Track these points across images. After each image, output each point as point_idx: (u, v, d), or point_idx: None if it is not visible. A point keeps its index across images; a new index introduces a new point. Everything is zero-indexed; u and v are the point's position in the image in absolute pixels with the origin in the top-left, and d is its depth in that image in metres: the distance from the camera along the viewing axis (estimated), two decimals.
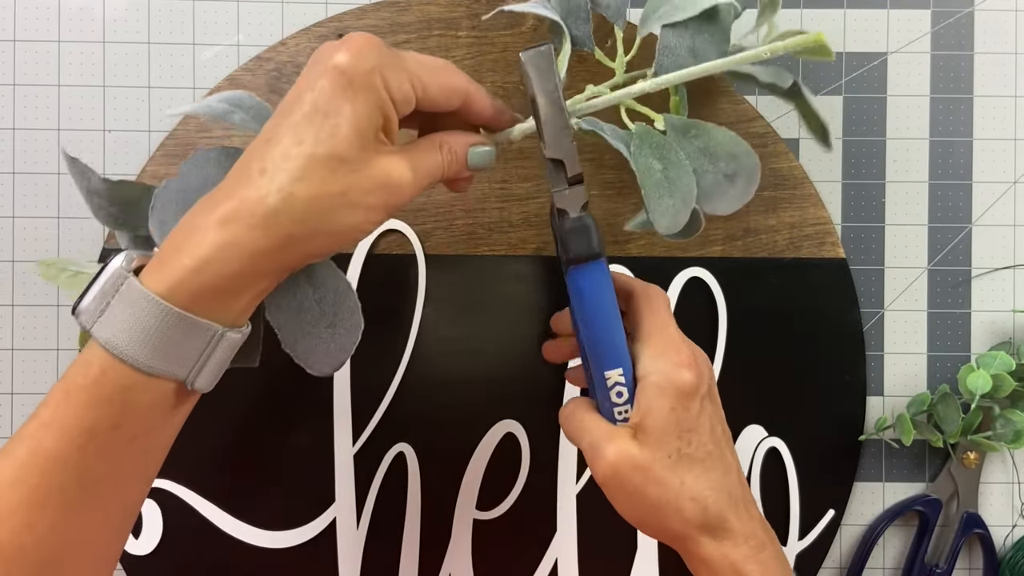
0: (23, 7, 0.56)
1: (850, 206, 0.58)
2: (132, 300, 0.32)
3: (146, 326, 0.32)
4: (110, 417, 0.33)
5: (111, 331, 0.32)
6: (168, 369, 0.33)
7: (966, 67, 0.58)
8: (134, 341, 0.32)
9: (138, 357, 0.32)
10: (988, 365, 0.55)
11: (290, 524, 0.56)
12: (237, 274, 0.33)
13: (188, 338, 0.33)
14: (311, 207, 0.33)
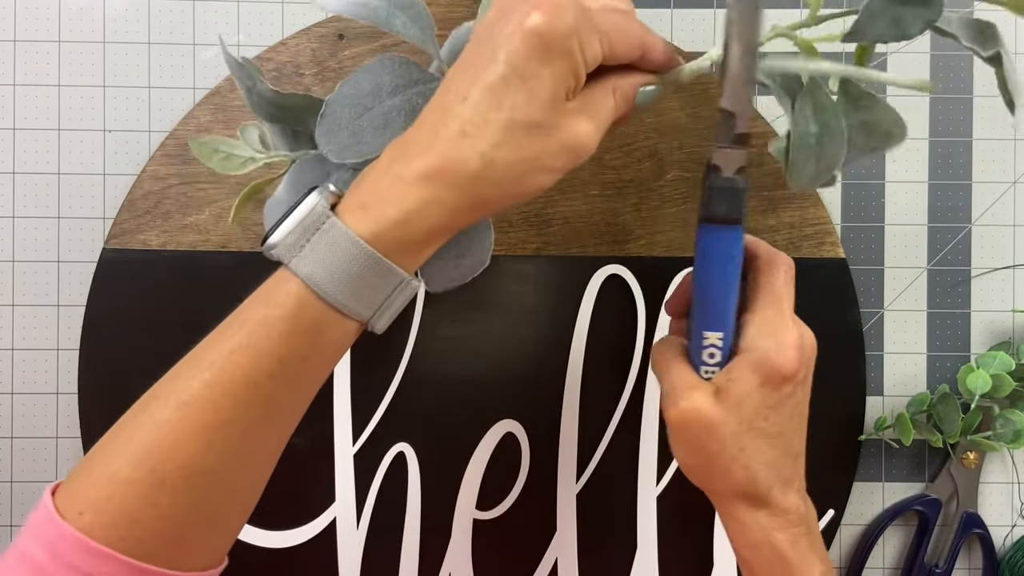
0: (23, 7, 0.56)
1: (850, 206, 0.58)
2: (335, 240, 0.33)
3: (347, 267, 0.33)
4: (301, 349, 0.34)
5: (312, 267, 0.33)
6: (358, 309, 0.35)
7: (966, 67, 0.58)
8: (335, 280, 0.33)
9: (337, 295, 0.34)
10: (988, 365, 0.55)
11: (290, 524, 0.56)
12: (435, 229, 0.34)
13: (381, 282, 0.34)
14: (509, 172, 0.34)
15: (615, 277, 0.57)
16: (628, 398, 0.57)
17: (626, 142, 0.57)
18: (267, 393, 0.34)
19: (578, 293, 0.56)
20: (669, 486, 0.57)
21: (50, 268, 0.57)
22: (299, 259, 0.34)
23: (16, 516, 0.57)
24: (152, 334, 0.56)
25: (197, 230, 0.56)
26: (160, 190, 0.56)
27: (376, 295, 0.35)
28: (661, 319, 0.57)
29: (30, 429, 0.57)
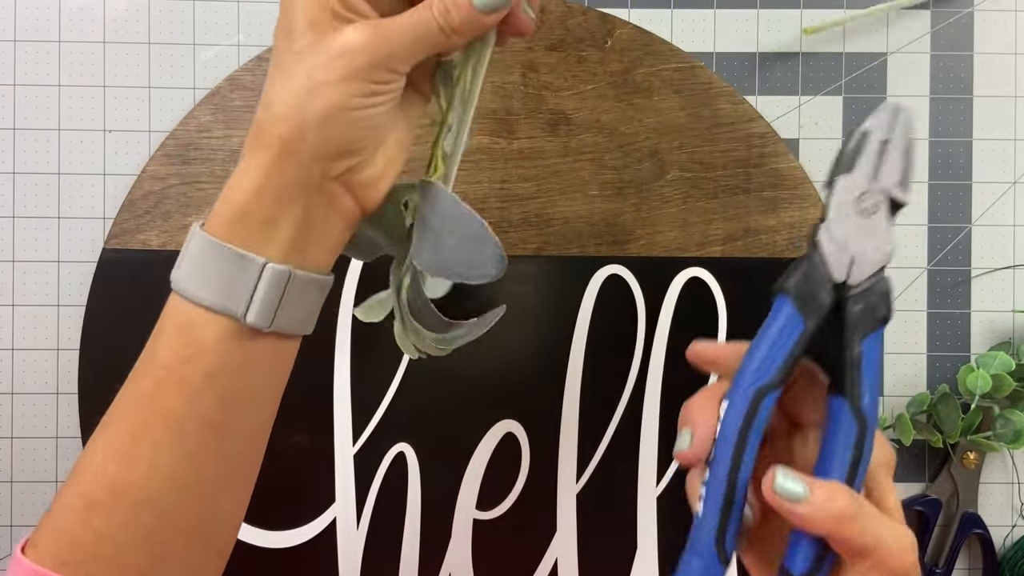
0: (23, 7, 0.56)
1: None
2: (191, 238, 0.35)
3: (197, 261, 0.34)
4: (180, 349, 0.34)
5: (177, 272, 0.35)
6: (218, 302, 0.34)
7: (966, 67, 0.58)
8: (188, 274, 0.34)
9: (191, 289, 0.34)
10: (988, 365, 0.55)
11: (290, 524, 0.56)
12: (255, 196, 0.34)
13: (236, 271, 0.34)
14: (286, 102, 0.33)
15: (615, 277, 0.57)
16: (628, 398, 0.57)
17: (626, 142, 0.57)
18: (162, 403, 0.34)
19: (578, 293, 0.56)
20: (669, 486, 0.57)
21: (50, 268, 0.57)
22: (176, 269, 0.35)
23: (16, 516, 0.57)
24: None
25: None
26: (160, 190, 0.56)
27: (235, 286, 0.34)
28: (661, 319, 0.57)
29: (30, 429, 0.57)
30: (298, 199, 0.34)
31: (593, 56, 0.57)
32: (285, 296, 0.35)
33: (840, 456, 0.35)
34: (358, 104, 0.33)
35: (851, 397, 0.35)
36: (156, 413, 0.34)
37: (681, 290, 0.57)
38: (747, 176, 0.57)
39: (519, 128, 0.56)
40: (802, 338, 0.37)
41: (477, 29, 0.34)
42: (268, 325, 0.35)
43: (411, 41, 0.33)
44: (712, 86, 0.57)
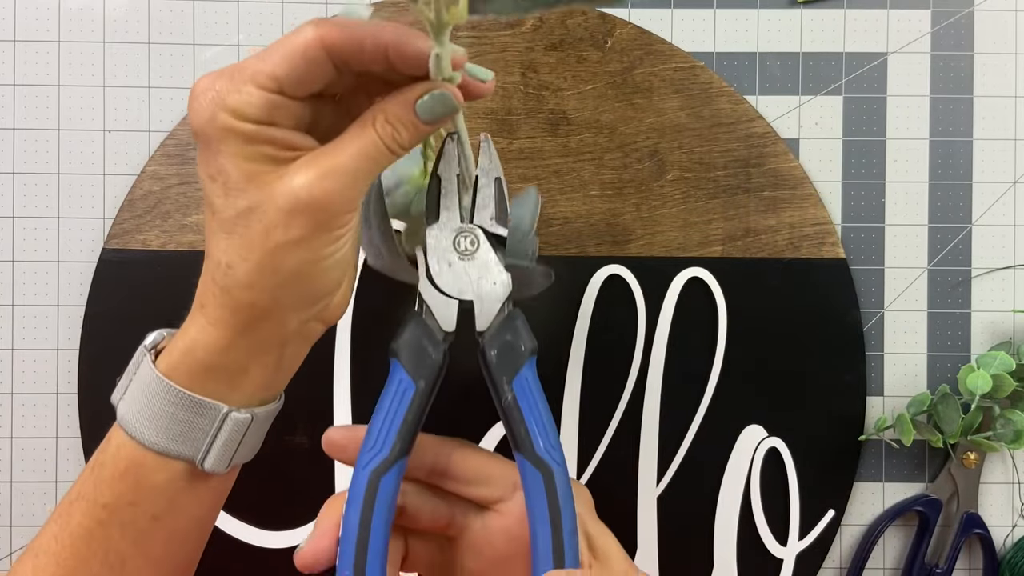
0: (23, 7, 0.56)
1: (850, 206, 0.58)
2: (143, 378, 0.33)
3: (151, 403, 0.32)
4: (126, 493, 0.33)
5: (126, 408, 0.33)
6: (173, 448, 0.33)
7: (966, 67, 0.58)
8: (142, 418, 0.32)
9: (144, 433, 0.32)
10: (988, 365, 0.55)
11: (290, 524, 0.56)
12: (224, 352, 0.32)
13: (195, 417, 0.32)
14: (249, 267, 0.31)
15: (615, 277, 0.57)
16: (628, 398, 0.57)
17: (626, 142, 0.57)
18: (103, 544, 0.33)
19: (578, 293, 0.56)
20: (669, 486, 0.57)
21: (50, 268, 0.57)
22: (122, 402, 0.33)
23: (16, 516, 0.57)
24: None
25: (197, 230, 0.56)
26: (160, 190, 0.56)
27: (192, 431, 0.33)
28: (661, 319, 0.57)
29: (30, 429, 0.57)
30: (274, 349, 0.33)
31: (593, 56, 0.57)
32: (244, 438, 0.34)
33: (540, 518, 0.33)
34: (328, 253, 0.32)
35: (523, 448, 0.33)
36: (95, 552, 0.32)
37: (681, 290, 0.57)
38: (747, 176, 0.57)
39: (519, 128, 0.56)
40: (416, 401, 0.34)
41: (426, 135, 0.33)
42: (225, 468, 0.34)
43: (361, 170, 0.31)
44: (712, 86, 0.57)
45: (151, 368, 0.32)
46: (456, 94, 0.32)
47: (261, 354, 0.33)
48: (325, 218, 0.31)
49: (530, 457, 0.33)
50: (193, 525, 0.35)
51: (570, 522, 0.33)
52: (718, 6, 0.58)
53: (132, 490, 0.33)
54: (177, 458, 0.33)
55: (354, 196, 0.31)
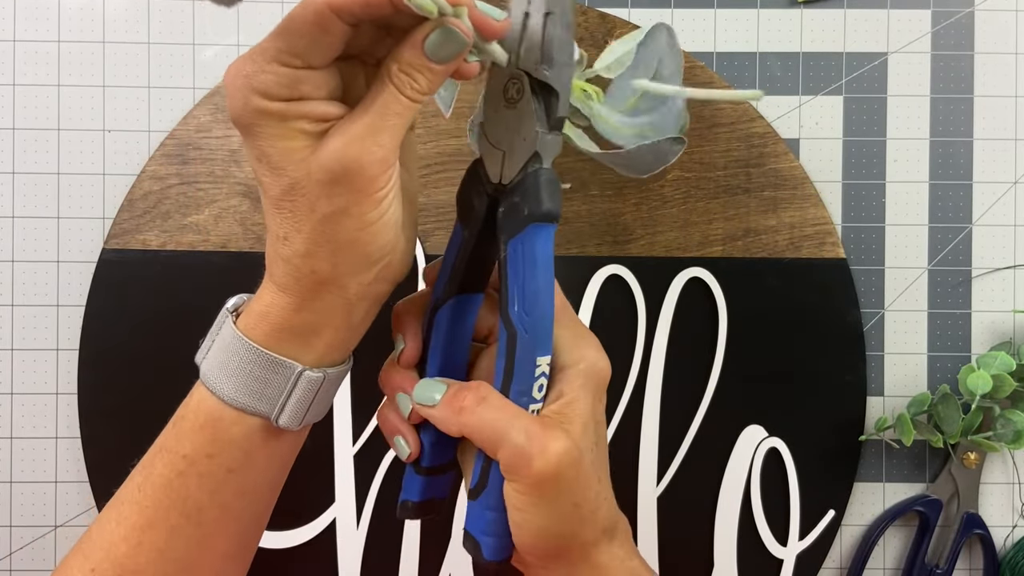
0: (23, 7, 0.56)
1: (850, 206, 0.58)
2: (225, 337, 0.34)
3: (231, 361, 0.34)
4: (204, 445, 0.34)
5: (208, 365, 0.34)
6: (250, 404, 0.34)
7: (966, 67, 0.58)
8: (222, 375, 0.34)
9: (224, 389, 0.34)
10: (988, 365, 0.55)
11: (290, 524, 0.56)
12: (294, 314, 0.34)
13: (270, 375, 0.34)
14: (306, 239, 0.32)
15: (615, 277, 0.57)
16: (628, 398, 0.57)
17: None
18: (181, 493, 0.34)
19: (578, 293, 0.56)
20: (669, 486, 0.57)
21: (50, 268, 0.57)
22: (205, 360, 0.35)
23: (16, 516, 0.57)
24: (152, 334, 0.56)
25: (196, 230, 0.56)
26: (160, 190, 0.56)
27: (268, 388, 0.34)
28: (661, 319, 0.57)
29: (30, 429, 0.57)
30: (340, 312, 0.34)
31: (594, 56, 0.56)
32: (317, 397, 0.35)
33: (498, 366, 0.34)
34: (374, 217, 0.32)
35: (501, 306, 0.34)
36: (174, 502, 0.34)
37: (681, 290, 0.57)
38: (747, 176, 0.57)
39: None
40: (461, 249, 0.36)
41: (444, 78, 0.32)
42: (298, 425, 0.35)
43: (386, 128, 0.31)
44: (712, 86, 0.57)
45: (232, 328, 0.34)
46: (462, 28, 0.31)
47: (329, 316, 0.34)
48: (362, 183, 0.31)
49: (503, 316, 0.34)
50: (265, 480, 0.36)
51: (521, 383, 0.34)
52: (718, 6, 0.57)
53: (210, 443, 0.34)
54: (253, 414, 0.34)
55: (385, 155, 0.31)
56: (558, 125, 0.35)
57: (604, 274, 0.56)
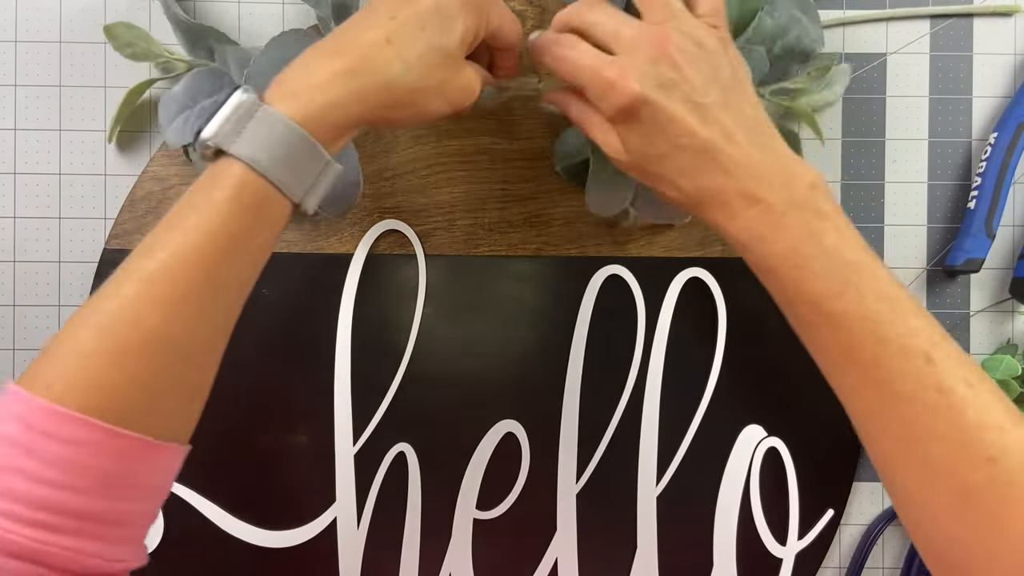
0: (24, 8, 0.57)
1: (850, 206, 0.58)
2: (270, 124, 0.37)
3: (281, 146, 0.37)
4: (248, 226, 0.37)
5: (250, 149, 0.37)
6: (292, 186, 0.38)
7: (966, 67, 0.58)
8: (273, 158, 0.37)
9: (275, 172, 0.37)
10: (994, 370, 0.55)
11: (290, 524, 0.56)
12: (353, 118, 0.39)
13: (310, 162, 0.38)
14: (420, 84, 0.40)
15: (615, 277, 0.57)
16: (628, 398, 0.57)
17: None
18: (218, 267, 0.37)
19: (578, 293, 0.57)
20: (669, 486, 0.57)
21: (51, 268, 0.57)
22: (238, 144, 0.37)
23: None
24: None
25: None
26: (161, 190, 0.56)
27: (305, 175, 0.39)
28: (661, 319, 0.57)
29: None
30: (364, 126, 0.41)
31: None
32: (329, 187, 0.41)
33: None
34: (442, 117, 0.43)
35: None
36: (210, 277, 0.36)
37: (681, 290, 0.57)
38: None
39: (519, 128, 0.56)
40: None
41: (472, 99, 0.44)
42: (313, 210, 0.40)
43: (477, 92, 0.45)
44: None
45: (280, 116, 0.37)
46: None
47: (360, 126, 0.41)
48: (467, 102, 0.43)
49: None
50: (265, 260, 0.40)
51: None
52: None
53: (254, 223, 0.38)
54: (289, 195, 0.38)
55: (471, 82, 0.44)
56: None
57: (604, 274, 0.57)
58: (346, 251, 0.56)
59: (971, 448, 0.36)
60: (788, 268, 0.39)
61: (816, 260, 0.38)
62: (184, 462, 0.39)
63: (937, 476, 0.37)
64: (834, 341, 0.39)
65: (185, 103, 0.52)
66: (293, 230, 0.56)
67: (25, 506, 0.32)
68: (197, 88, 0.53)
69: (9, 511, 0.32)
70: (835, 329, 0.38)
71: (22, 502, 0.32)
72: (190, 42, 0.53)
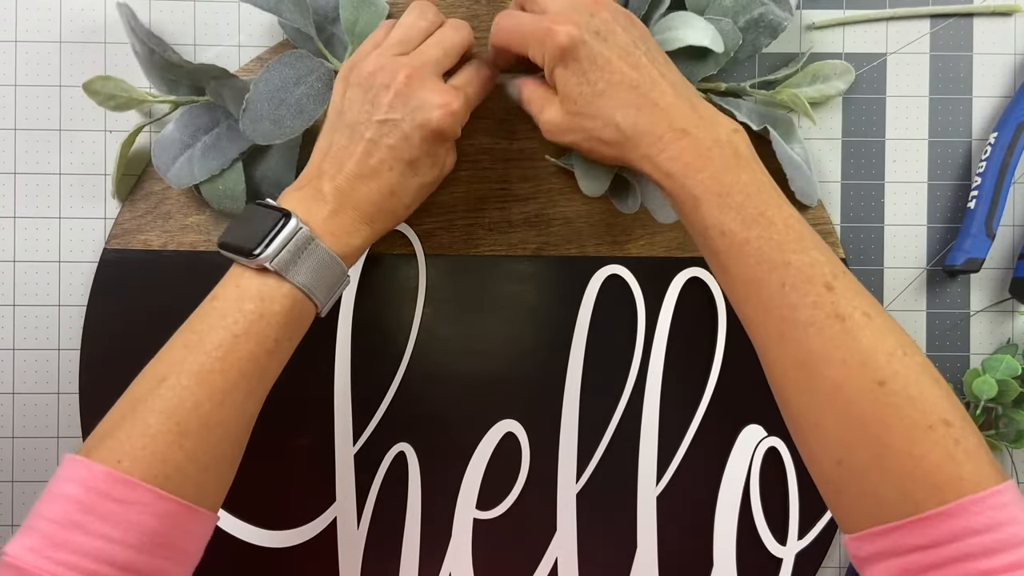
0: (24, 7, 0.57)
1: (850, 206, 0.58)
2: (321, 258, 0.45)
3: (328, 276, 0.45)
4: (290, 334, 0.45)
5: (305, 278, 0.44)
6: (325, 301, 0.46)
7: (965, 68, 0.58)
8: (319, 285, 0.45)
9: (319, 294, 0.45)
10: (994, 370, 0.55)
11: (290, 524, 0.56)
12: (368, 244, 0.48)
13: (340, 283, 0.47)
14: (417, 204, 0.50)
15: (615, 277, 0.57)
16: (628, 398, 0.57)
17: None
18: (263, 364, 0.44)
19: (578, 293, 0.57)
20: (669, 486, 0.57)
21: (51, 268, 0.57)
22: (294, 273, 0.44)
23: (17, 516, 0.57)
24: (152, 334, 0.56)
25: (198, 230, 0.56)
26: (161, 190, 0.56)
27: (335, 292, 0.47)
28: (661, 319, 0.57)
29: (30, 429, 0.57)
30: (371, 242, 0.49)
31: None
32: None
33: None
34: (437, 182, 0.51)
35: None
36: (255, 372, 0.43)
37: (681, 290, 0.57)
38: None
39: (519, 128, 0.56)
40: None
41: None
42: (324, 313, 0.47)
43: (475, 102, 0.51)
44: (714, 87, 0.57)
45: (331, 254, 0.45)
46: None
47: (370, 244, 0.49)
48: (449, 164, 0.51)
49: None
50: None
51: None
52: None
53: (295, 330, 0.45)
54: (320, 307, 0.46)
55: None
56: None
57: (604, 274, 0.57)
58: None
59: (863, 371, 0.38)
60: (711, 195, 0.42)
61: (735, 189, 0.42)
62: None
63: (831, 400, 0.39)
64: (744, 268, 0.42)
65: (185, 142, 0.53)
66: None
67: (81, 557, 0.37)
68: (194, 125, 0.53)
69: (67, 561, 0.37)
70: (747, 256, 0.41)
71: (79, 553, 0.38)
72: (171, 83, 0.53)
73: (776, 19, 0.52)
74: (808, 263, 0.40)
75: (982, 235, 0.55)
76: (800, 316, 0.40)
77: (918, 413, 0.37)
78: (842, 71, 0.56)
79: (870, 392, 0.38)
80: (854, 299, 0.40)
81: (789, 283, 0.40)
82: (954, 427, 0.37)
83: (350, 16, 0.52)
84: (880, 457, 0.37)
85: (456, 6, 0.56)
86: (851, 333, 0.39)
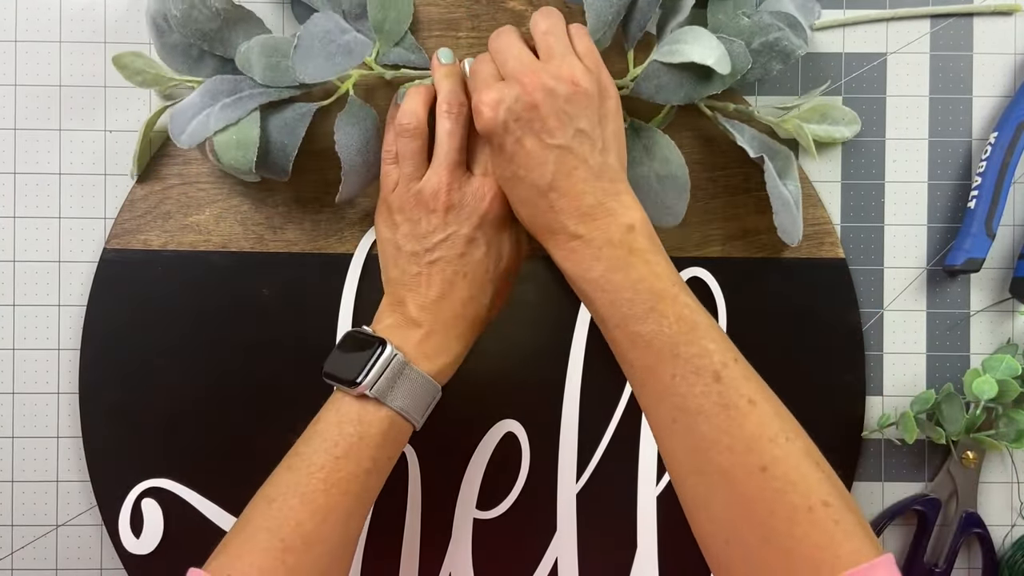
0: (24, 7, 0.57)
1: (850, 206, 0.58)
2: (416, 381, 0.47)
3: (424, 398, 0.48)
4: (389, 453, 0.48)
5: (402, 402, 0.47)
6: (420, 419, 0.49)
7: (965, 68, 0.58)
8: (416, 407, 0.48)
9: (417, 416, 0.48)
10: (994, 369, 0.55)
11: None
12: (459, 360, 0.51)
13: (433, 401, 0.49)
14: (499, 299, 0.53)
15: None
16: (628, 398, 0.57)
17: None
18: (363, 483, 0.46)
19: None
20: (669, 486, 0.57)
21: (51, 268, 0.57)
22: (392, 397, 0.47)
23: (17, 516, 0.57)
24: (152, 334, 0.56)
25: (197, 230, 0.56)
26: (161, 190, 0.56)
27: (429, 409, 0.49)
28: None
29: (30, 429, 0.57)
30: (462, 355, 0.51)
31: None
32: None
33: None
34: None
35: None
36: (356, 491, 0.46)
37: None
38: (746, 176, 0.57)
39: None
40: None
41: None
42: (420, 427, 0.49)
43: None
44: None
45: (426, 377, 0.48)
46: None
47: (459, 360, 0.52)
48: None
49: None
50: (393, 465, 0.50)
51: None
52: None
53: (394, 449, 0.48)
54: (415, 425, 0.48)
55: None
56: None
57: None
58: (346, 251, 0.56)
59: (748, 457, 0.40)
60: (600, 293, 0.44)
61: (624, 287, 0.44)
62: (184, 461, 0.42)
63: (720, 484, 0.41)
64: (640, 360, 0.44)
65: (204, 104, 0.52)
66: (293, 230, 0.56)
67: None
68: (216, 90, 0.52)
69: None
70: (641, 349, 0.43)
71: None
72: (192, 58, 0.53)
73: (791, 46, 0.51)
74: (697, 354, 0.42)
75: (982, 235, 0.55)
76: (690, 404, 0.41)
77: (799, 496, 0.39)
78: (850, 120, 0.56)
79: (754, 477, 0.40)
80: (741, 387, 0.42)
81: (679, 374, 0.42)
82: (832, 507, 0.38)
83: (378, 15, 0.52)
84: (765, 539, 0.39)
85: (456, 6, 0.56)
86: (736, 421, 0.41)
